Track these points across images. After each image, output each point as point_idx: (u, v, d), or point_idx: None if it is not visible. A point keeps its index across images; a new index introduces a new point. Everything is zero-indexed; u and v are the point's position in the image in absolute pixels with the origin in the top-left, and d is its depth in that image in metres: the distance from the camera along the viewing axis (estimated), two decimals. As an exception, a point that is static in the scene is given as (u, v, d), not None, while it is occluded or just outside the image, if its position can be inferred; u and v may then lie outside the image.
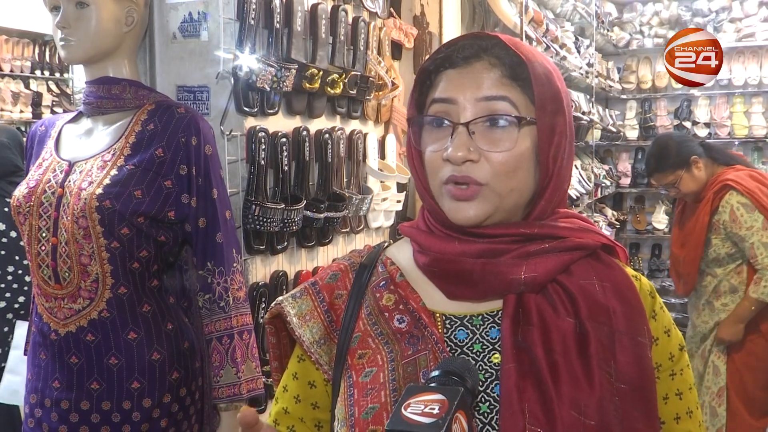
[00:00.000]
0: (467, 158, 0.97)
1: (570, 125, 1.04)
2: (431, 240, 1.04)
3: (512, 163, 0.98)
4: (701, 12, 7.10)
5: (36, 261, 1.72)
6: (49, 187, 1.73)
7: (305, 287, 1.09)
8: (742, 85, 6.87)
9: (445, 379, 0.87)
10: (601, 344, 0.96)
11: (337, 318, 1.06)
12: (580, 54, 5.86)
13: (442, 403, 0.81)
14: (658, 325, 1.05)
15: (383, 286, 1.07)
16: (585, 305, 0.98)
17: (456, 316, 1.02)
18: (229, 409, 1.78)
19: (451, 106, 1.00)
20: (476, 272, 0.99)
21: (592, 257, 1.04)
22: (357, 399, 0.98)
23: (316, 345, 1.05)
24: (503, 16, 4.00)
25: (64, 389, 1.72)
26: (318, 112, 2.45)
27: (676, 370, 1.06)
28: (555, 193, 1.03)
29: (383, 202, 2.80)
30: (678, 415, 1.06)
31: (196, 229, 1.75)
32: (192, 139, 1.73)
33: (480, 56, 1.00)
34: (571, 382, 0.93)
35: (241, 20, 2.06)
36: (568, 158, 1.04)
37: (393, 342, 1.01)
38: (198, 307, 1.80)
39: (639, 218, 7.41)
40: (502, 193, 0.99)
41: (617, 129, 7.11)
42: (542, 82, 0.99)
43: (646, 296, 1.05)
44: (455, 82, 1.00)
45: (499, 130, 0.98)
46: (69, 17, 1.73)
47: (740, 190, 3.27)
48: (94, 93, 1.81)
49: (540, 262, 0.99)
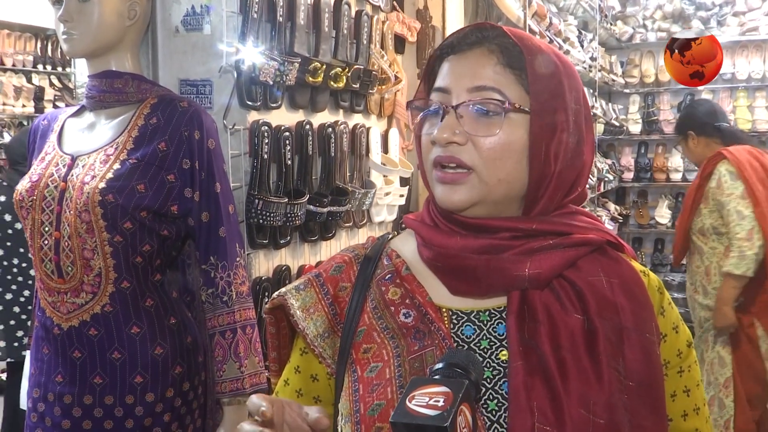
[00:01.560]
0: (452, 140, 0.97)
1: (578, 124, 1.02)
2: (433, 233, 1.03)
3: (499, 149, 0.97)
4: (704, 6, 7.08)
5: (39, 255, 1.72)
6: (52, 181, 1.72)
7: (309, 279, 1.08)
8: (745, 79, 6.86)
9: (449, 371, 0.86)
10: (610, 341, 0.95)
11: (341, 311, 1.05)
12: (584, 48, 5.85)
13: (447, 396, 0.80)
14: (666, 321, 1.04)
15: (389, 279, 1.06)
16: (593, 301, 0.97)
17: (463, 312, 1.01)
18: (231, 403, 1.77)
19: (446, 95, 1.00)
20: (480, 268, 0.98)
21: (599, 253, 1.03)
22: (362, 395, 0.97)
23: (320, 338, 1.04)
24: (506, 9, 3.99)
25: (67, 384, 1.72)
26: (321, 106, 2.44)
27: (684, 367, 1.05)
28: (558, 193, 1.02)
29: (386, 196, 2.79)
30: (685, 412, 1.06)
31: (199, 224, 1.75)
32: (195, 133, 1.72)
33: (481, 43, 1.01)
34: (580, 379, 0.92)
35: (243, 14, 2.06)
36: (574, 158, 1.02)
37: (399, 337, 1.00)
38: (201, 301, 1.80)
39: (642, 212, 7.41)
40: (490, 182, 0.98)
41: (620, 123, 7.10)
42: (539, 73, 0.99)
43: (654, 292, 1.04)
44: (453, 71, 1.01)
45: (487, 117, 0.98)
46: (71, 11, 1.73)
47: (730, 159, 3.37)
48: (97, 87, 1.80)
49: (544, 258, 0.98)
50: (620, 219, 6.93)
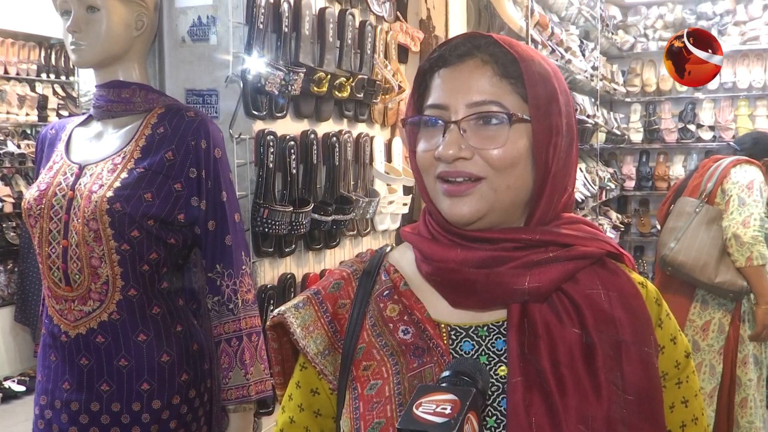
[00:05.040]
0: (458, 156, 0.96)
1: (570, 126, 1.03)
2: (433, 247, 1.03)
3: (509, 159, 0.97)
4: (706, 15, 7.11)
5: (46, 263, 1.73)
6: (60, 190, 1.74)
7: (308, 297, 1.08)
8: (746, 88, 6.88)
9: (456, 379, 0.86)
10: (608, 355, 0.94)
11: (341, 328, 1.05)
12: (585, 57, 5.87)
13: (454, 403, 0.80)
14: (664, 333, 1.04)
15: (387, 295, 1.05)
16: (591, 315, 0.97)
17: (461, 327, 1.01)
18: (237, 410, 1.78)
19: (444, 112, 0.99)
20: (479, 282, 0.98)
21: (597, 265, 1.02)
22: (362, 413, 0.97)
23: (321, 356, 1.04)
24: (509, 19, 4.01)
25: (74, 390, 1.73)
26: (325, 115, 2.46)
27: (682, 378, 1.05)
28: (555, 194, 1.02)
29: (390, 205, 2.80)
30: (684, 423, 1.06)
31: (205, 232, 1.76)
32: (201, 143, 1.74)
33: (473, 54, 1.00)
34: (578, 394, 0.92)
35: (249, 24, 2.07)
36: (566, 159, 1.02)
37: (398, 354, 1.00)
38: (207, 309, 1.81)
39: (643, 221, 7.42)
40: (499, 189, 0.97)
41: (622, 132, 7.12)
42: (535, 80, 0.98)
43: (652, 304, 1.04)
44: (448, 86, 1.00)
45: (491, 128, 0.97)
46: (80, 21, 1.74)
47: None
48: (104, 96, 1.82)
49: (544, 272, 0.98)
50: (622, 227, 6.94)
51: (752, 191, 3.22)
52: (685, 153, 7.32)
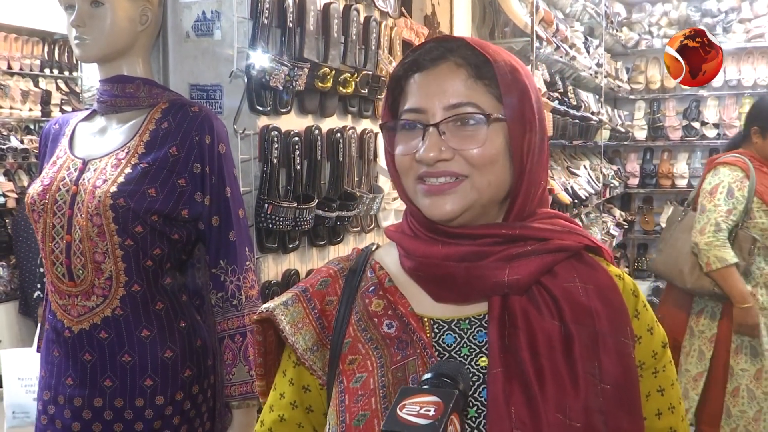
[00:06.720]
0: (439, 158, 0.99)
1: (542, 122, 1.05)
2: (416, 244, 1.06)
3: (489, 156, 1.00)
4: (710, 12, 7.08)
5: (50, 258, 1.73)
6: (64, 185, 1.73)
7: (296, 294, 1.10)
8: (751, 85, 6.86)
9: (437, 381, 0.88)
10: (585, 346, 0.97)
11: (329, 324, 1.08)
12: (590, 54, 5.85)
13: (438, 405, 0.82)
14: (641, 323, 1.06)
15: (372, 291, 1.08)
16: (569, 307, 1.00)
17: (444, 321, 1.04)
18: (241, 406, 1.78)
19: (422, 115, 1.02)
20: (460, 276, 1.01)
21: (575, 258, 1.05)
22: (348, 405, 1.00)
23: (310, 352, 1.07)
24: (513, 15, 4.00)
25: (77, 386, 1.73)
26: (330, 111, 2.45)
27: (659, 368, 1.08)
28: (531, 189, 1.05)
29: (393, 201, 2.80)
30: (659, 410, 1.08)
31: (209, 228, 1.76)
32: (206, 138, 1.73)
33: (446, 57, 1.02)
34: (557, 385, 0.95)
35: (254, 19, 2.07)
36: (540, 154, 1.05)
37: (382, 347, 1.03)
38: (211, 305, 1.81)
39: (647, 218, 7.41)
40: (480, 186, 1.00)
41: (626, 129, 7.11)
42: (508, 80, 1.01)
43: (629, 295, 1.06)
44: (424, 90, 1.02)
45: (469, 128, 1.00)
46: (84, 16, 1.74)
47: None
48: (109, 91, 1.81)
49: (522, 265, 1.00)
50: (625, 225, 6.93)
51: (714, 195, 3.25)
52: (689, 150, 7.30)
